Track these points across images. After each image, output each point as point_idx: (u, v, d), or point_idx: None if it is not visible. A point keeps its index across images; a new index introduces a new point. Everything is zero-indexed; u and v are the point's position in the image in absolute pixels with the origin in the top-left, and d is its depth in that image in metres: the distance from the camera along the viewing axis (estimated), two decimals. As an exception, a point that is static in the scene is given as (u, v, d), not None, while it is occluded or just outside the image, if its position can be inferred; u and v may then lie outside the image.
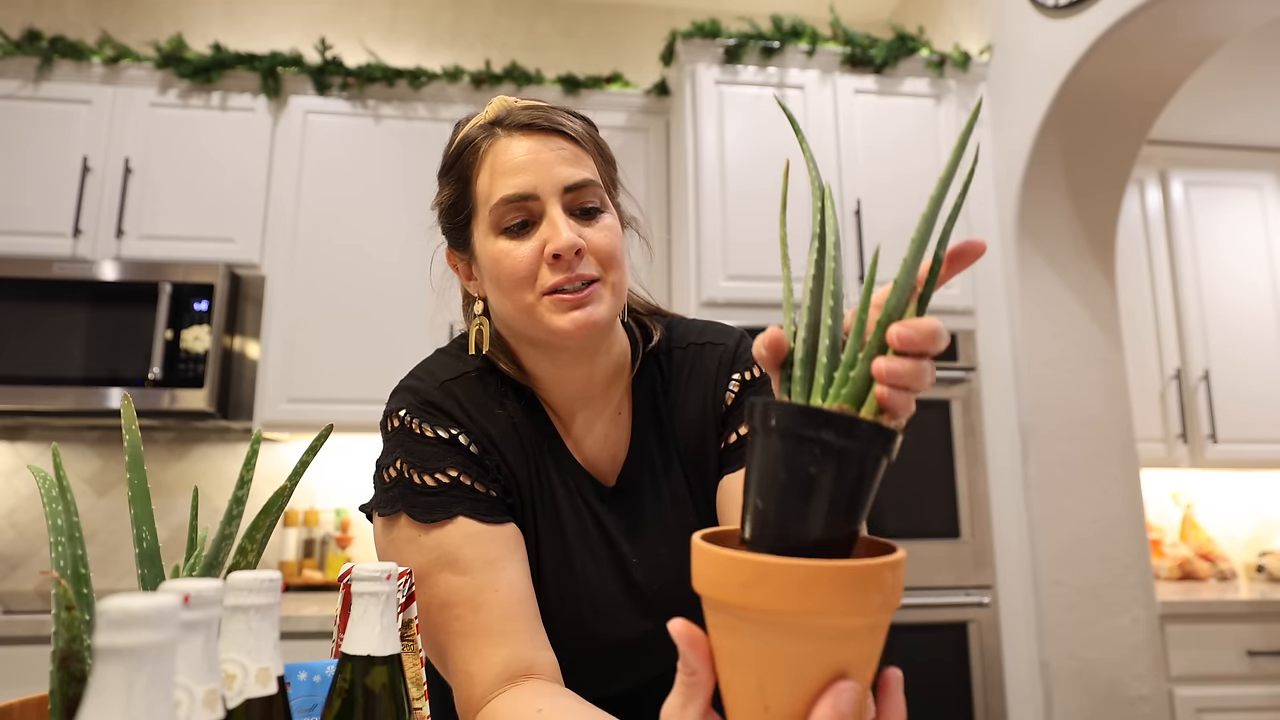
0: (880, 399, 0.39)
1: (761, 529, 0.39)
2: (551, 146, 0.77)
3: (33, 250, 2.41)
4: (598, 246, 0.76)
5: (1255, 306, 3.12)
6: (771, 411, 0.39)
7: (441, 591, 0.74)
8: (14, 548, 2.58)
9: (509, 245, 0.76)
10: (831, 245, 0.43)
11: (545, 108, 0.80)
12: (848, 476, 0.37)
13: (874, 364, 0.39)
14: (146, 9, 3.01)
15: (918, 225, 0.41)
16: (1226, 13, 2.08)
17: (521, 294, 0.76)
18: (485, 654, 0.72)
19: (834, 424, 0.37)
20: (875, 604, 0.35)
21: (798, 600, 0.35)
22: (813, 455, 0.37)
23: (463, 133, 0.82)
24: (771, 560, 0.35)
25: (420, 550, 0.75)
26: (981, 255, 0.44)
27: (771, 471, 0.38)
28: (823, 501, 0.37)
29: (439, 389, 0.81)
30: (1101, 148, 2.44)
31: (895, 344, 0.38)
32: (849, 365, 0.40)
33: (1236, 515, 3.25)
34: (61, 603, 0.39)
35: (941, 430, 2.38)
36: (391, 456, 0.79)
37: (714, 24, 2.53)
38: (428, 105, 2.70)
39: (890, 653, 2.24)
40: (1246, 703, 2.34)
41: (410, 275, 2.57)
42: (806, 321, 0.42)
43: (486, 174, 0.78)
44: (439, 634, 0.74)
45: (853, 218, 2.49)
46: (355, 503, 2.71)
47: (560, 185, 0.76)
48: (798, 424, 0.38)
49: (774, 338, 0.42)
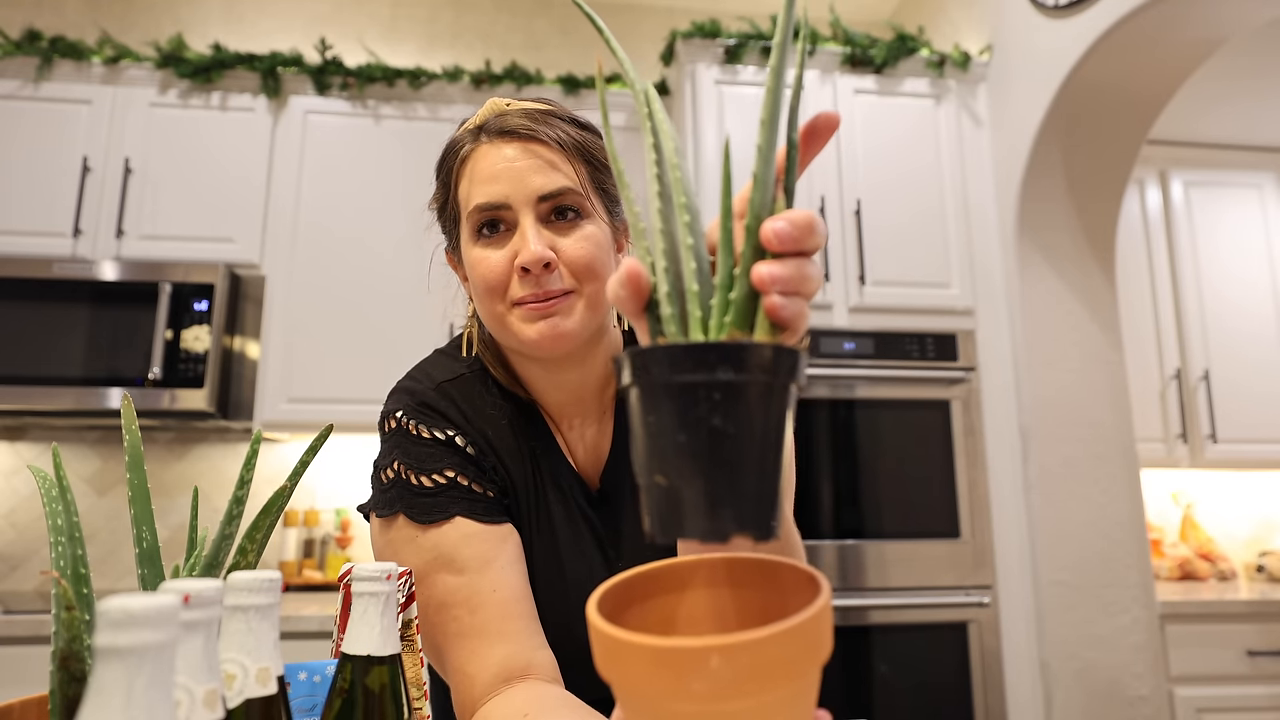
0: (771, 312, 0.33)
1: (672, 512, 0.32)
2: (530, 154, 0.75)
3: (33, 250, 2.41)
4: (572, 258, 0.75)
5: (1255, 306, 3.12)
6: (649, 360, 0.31)
7: (439, 592, 0.74)
8: (14, 548, 2.58)
9: (483, 253, 0.76)
10: (670, 153, 0.35)
11: (533, 112, 0.78)
12: (759, 417, 0.31)
13: (753, 272, 0.33)
14: (146, 9, 3.01)
15: (762, 103, 0.34)
16: (1226, 12, 2.08)
17: (494, 303, 0.76)
18: (482, 654, 0.72)
19: (728, 356, 0.30)
20: (698, 692, 0.28)
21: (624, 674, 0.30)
22: (712, 401, 0.30)
23: (452, 136, 0.82)
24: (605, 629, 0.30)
25: (418, 551, 0.75)
26: (837, 128, 0.39)
27: (667, 436, 0.31)
28: (739, 455, 0.31)
29: (435, 390, 0.81)
30: (1101, 148, 2.44)
31: (774, 244, 0.33)
32: (725, 287, 0.34)
33: (1236, 515, 3.25)
34: (61, 603, 0.39)
35: (941, 430, 2.38)
36: (389, 457, 0.79)
37: (714, 24, 2.53)
38: (428, 105, 2.70)
39: (891, 653, 2.24)
40: (1246, 703, 2.34)
41: (410, 275, 2.57)
42: (663, 248, 0.34)
43: (467, 180, 0.78)
44: (437, 635, 0.75)
45: (853, 217, 2.49)
46: (355, 503, 2.70)
47: (534, 194, 0.75)
48: (684, 368, 0.30)
49: (631, 273, 0.35)
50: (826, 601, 0.31)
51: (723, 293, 0.33)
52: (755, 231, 0.33)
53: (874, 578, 2.26)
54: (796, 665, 0.29)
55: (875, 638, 2.24)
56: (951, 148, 2.60)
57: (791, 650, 0.29)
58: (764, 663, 0.28)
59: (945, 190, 2.57)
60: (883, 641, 2.24)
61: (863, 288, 2.44)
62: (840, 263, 2.46)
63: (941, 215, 2.55)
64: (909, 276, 2.48)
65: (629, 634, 0.29)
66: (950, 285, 2.50)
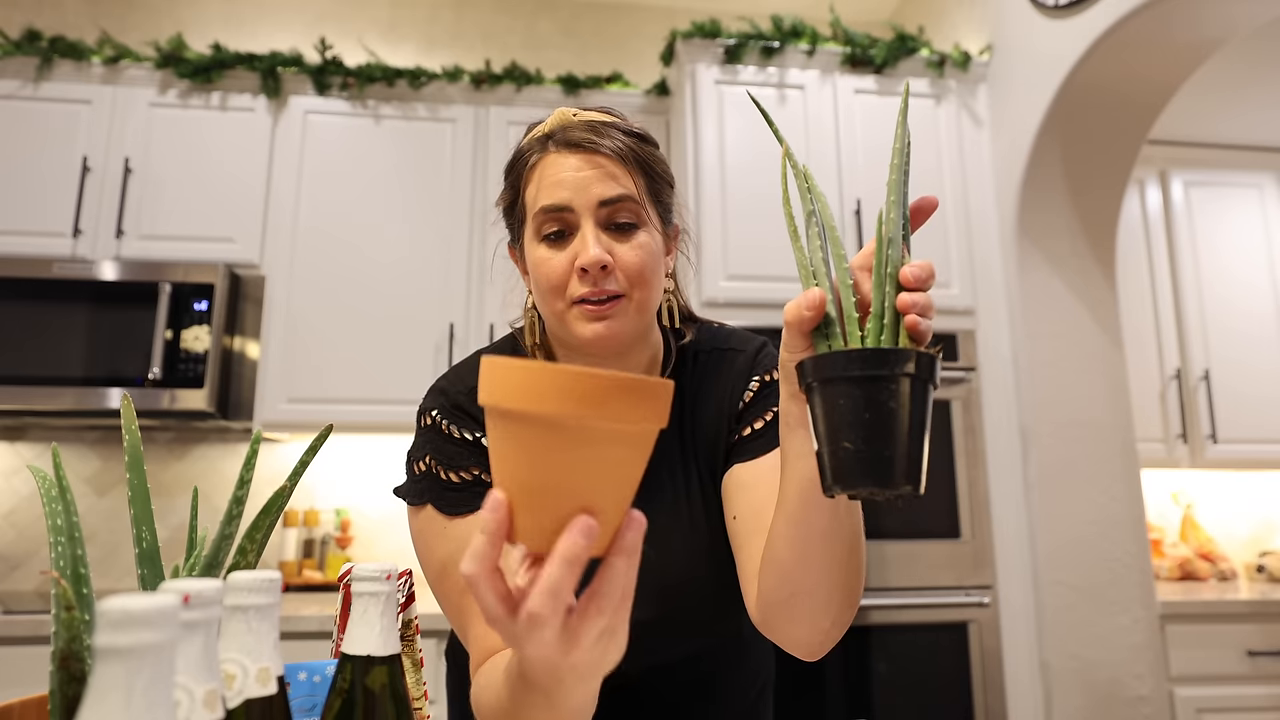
0: (911, 328, 0.47)
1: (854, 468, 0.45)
2: (594, 164, 0.82)
3: (33, 250, 2.41)
4: (626, 264, 0.81)
5: (1255, 306, 3.12)
6: (844, 360, 0.45)
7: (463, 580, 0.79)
8: (14, 548, 2.58)
9: (546, 253, 0.82)
10: (829, 219, 0.53)
11: (597, 125, 0.84)
12: (918, 402, 0.45)
13: (899, 300, 0.47)
14: (146, 9, 3.01)
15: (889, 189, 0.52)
16: (1226, 13, 2.08)
17: (554, 300, 0.82)
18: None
19: (900, 358, 0.45)
20: (640, 414, 0.39)
21: (588, 404, 0.38)
22: (889, 390, 0.44)
23: (522, 142, 0.89)
24: (572, 368, 0.38)
25: (446, 539, 0.82)
26: (935, 209, 0.56)
27: (856, 413, 0.44)
28: (904, 427, 0.44)
29: (468, 394, 0.88)
30: (1101, 148, 2.44)
31: (911, 283, 0.48)
32: (879, 315, 0.48)
33: (1236, 515, 3.25)
34: (61, 603, 0.39)
35: (941, 430, 2.38)
36: (422, 451, 0.87)
37: (714, 24, 2.53)
38: (428, 105, 2.70)
39: (891, 653, 2.24)
40: (1247, 703, 2.34)
41: (410, 275, 2.57)
42: (828, 286, 0.50)
43: (534, 186, 0.84)
44: (460, 616, 0.81)
45: (853, 217, 2.49)
46: (355, 503, 2.71)
47: (595, 201, 0.81)
48: (873, 365, 0.45)
49: (818, 298, 0.49)
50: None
51: (876, 319, 0.48)
52: (895, 278, 0.49)
53: (874, 578, 2.26)
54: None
55: (875, 638, 2.24)
56: (951, 148, 2.60)
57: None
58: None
59: (945, 190, 2.57)
60: (883, 641, 2.24)
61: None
62: (840, 263, 2.46)
63: (942, 215, 2.55)
64: (909, 276, 2.48)
65: (610, 372, 0.39)
66: (950, 285, 2.50)
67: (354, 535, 2.68)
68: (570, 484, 0.39)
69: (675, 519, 0.88)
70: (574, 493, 0.40)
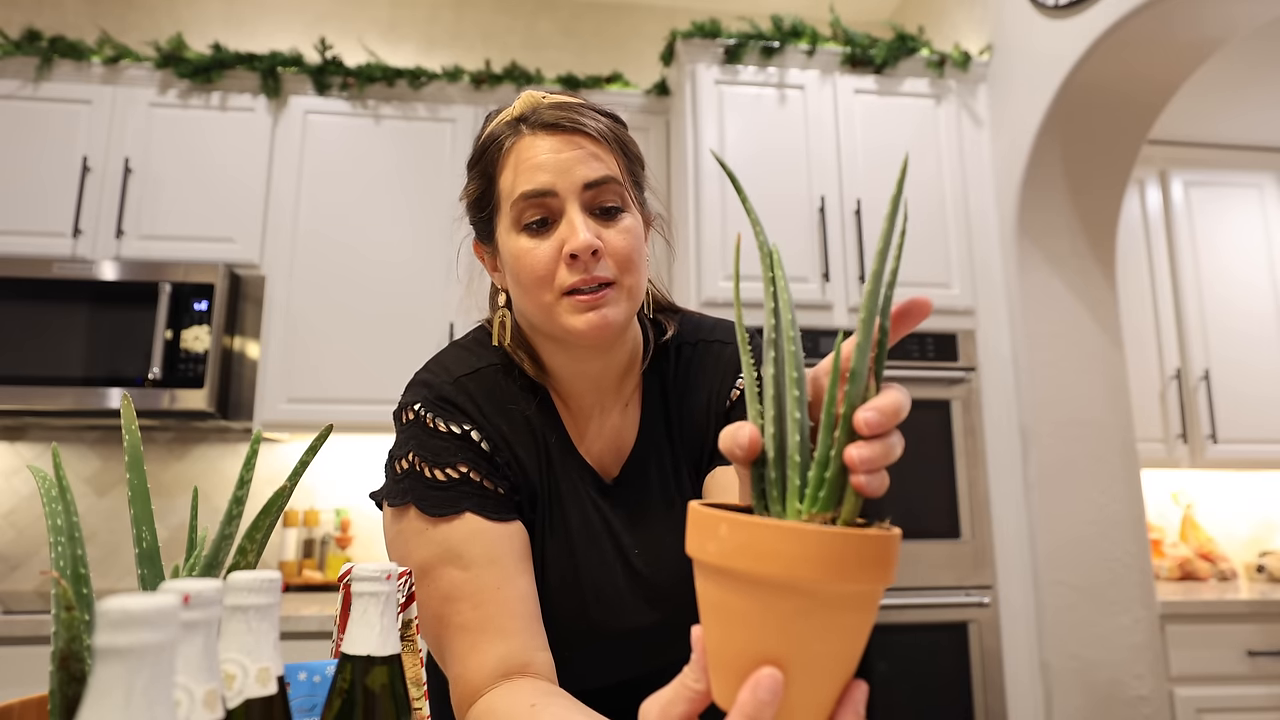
0: (858, 488, 0.38)
1: None
2: (574, 145, 0.77)
3: (33, 250, 2.41)
4: (615, 249, 0.77)
5: (1255, 307, 3.12)
6: None
7: (444, 585, 0.75)
8: (14, 548, 2.58)
9: (529, 244, 0.77)
10: (788, 324, 0.41)
11: (571, 105, 0.80)
12: None
13: (846, 455, 0.38)
14: (146, 9, 3.01)
15: (862, 303, 0.40)
16: (1226, 13, 2.08)
17: (540, 293, 0.77)
18: (483, 649, 0.73)
19: None
20: (875, 575, 0.36)
21: (819, 567, 0.35)
22: None
23: (489, 128, 0.83)
24: (803, 526, 0.35)
25: (427, 543, 0.77)
26: (928, 312, 0.42)
27: None
28: None
29: (454, 384, 0.82)
30: (1101, 148, 2.44)
31: (864, 431, 0.38)
32: (822, 465, 0.39)
33: (1236, 515, 3.25)
34: (61, 603, 0.39)
35: (941, 430, 2.38)
36: (404, 449, 0.80)
37: (714, 24, 2.53)
38: (428, 105, 2.70)
39: (891, 653, 2.24)
40: (1247, 703, 2.34)
41: (410, 275, 2.57)
42: (773, 414, 0.40)
43: (510, 171, 0.79)
44: (439, 627, 0.76)
45: (853, 218, 2.49)
46: (355, 503, 2.71)
47: (580, 183, 0.76)
48: None
49: (752, 439, 0.40)
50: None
51: (819, 470, 0.39)
52: (849, 419, 0.38)
53: (874, 578, 2.26)
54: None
55: (875, 637, 2.24)
56: (951, 148, 2.60)
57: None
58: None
59: (945, 190, 2.57)
60: (883, 641, 2.24)
61: (863, 288, 2.44)
62: (840, 263, 2.46)
63: (942, 215, 2.55)
64: (909, 277, 2.48)
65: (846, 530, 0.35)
66: (950, 285, 2.50)
67: (354, 535, 2.68)
68: (803, 652, 0.36)
69: (667, 524, 0.86)
70: (805, 661, 0.36)
